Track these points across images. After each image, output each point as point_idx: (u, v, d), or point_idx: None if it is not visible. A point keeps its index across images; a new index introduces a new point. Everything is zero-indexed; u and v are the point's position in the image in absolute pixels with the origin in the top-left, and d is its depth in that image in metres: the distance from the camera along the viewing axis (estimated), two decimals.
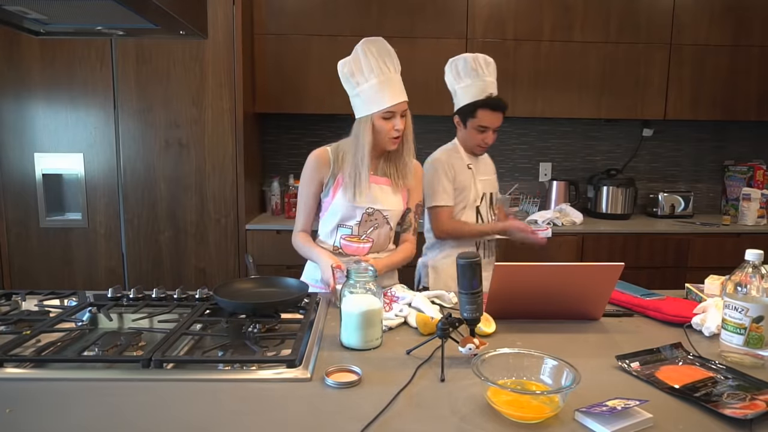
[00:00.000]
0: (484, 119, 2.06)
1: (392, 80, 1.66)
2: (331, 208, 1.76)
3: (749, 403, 0.95)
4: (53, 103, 2.71)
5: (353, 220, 1.74)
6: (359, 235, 1.76)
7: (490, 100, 2.05)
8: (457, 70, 2.10)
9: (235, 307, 1.36)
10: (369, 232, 1.76)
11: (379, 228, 1.77)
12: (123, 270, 2.83)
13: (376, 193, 1.74)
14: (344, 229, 1.76)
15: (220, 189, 2.81)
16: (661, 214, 3.34)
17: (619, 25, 3.11)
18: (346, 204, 1.71)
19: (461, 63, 2.09)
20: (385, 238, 1.81)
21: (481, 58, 2.08)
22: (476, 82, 2.07)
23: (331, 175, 1.75)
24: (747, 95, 3.21)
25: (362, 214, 1.74)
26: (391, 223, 1.80)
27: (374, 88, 1.65)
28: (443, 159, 2.10)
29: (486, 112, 2.05)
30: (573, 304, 1.41)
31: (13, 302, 1.51)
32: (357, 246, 1.77)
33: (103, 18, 1.24)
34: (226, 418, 0.91)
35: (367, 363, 1.14)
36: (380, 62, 1.65)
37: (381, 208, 1.75)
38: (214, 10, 2.69)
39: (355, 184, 1.70)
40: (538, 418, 0.90)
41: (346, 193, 1.71)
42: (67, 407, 0.93)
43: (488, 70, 2.09)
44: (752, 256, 1.15)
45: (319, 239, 1.85)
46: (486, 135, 2.09)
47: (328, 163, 1.75)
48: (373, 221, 1.76)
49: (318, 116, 3.36)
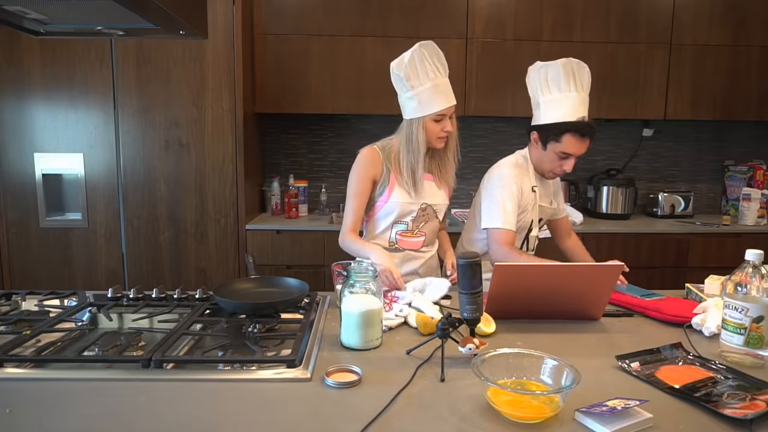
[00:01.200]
0: (570, 146, 1.78)
1: (444, 84, 1.74)
2: (386, 206, 1.82)
3: (749, 403, 0.95)
4: (53, 103, 2.71)
5: (410, 216, 1.83)
6: (413, 230, 1.85)
7: (581, 126, 1.76)
8: (546, 79, 1.82)
9: (235, 307, 1.36)
10: (421, 226, 1.87)
11: (430, 222, 1.88)
12: (123, 270, 2.84)
13: (427, 189, 1.84)
14: (400, 225, 1.85)
15: (220, 189, 2.81)
16: (661, 214, 3.34)
17: (619, 25, 3.11)
18: (403, 202, 1.80)
19: (552, 72, 1.81)
20: (434, 231, 1.92)
21: (575, 65, 1.80)
22: (567, 97, 1.78)
23: (384, 174, 1.81)
24: (747, 95, 3.21)
25: (417, 209, 1.83)
26: (440, 216, 1.91)
27: (429, 91, 1.72)
28: (513, 176, 1.86)
29: (574, 138, 1.77)
30: (573, 304, 1.41)
31: (13, 302, 1.51)
32: (412, 240, 1.86)
33: (103, 18, 1.24)
34: (226, 418, 0.91)
35: (367, 363, 1.14)
36: (434, 66, 1.71)
37: (432, 202, 1.86)
38: (214, 10, 2.69)
39: (414, 182, 1.79)
40: (538, 418, 0.90)
41: (403, 192, 1.80)
42: (67, 407, 0.93)
43: (582, 81, 1.80)
44: (752, 256, 1.15)
45: (369, 238, 1.90)
46: (567, 162, 1.82)
47: (380, 162, 1.81)
48: (425, 216, 1.86)
49: (318, 116, 3.36)
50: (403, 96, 1.77)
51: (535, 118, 1.88)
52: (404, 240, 1.85)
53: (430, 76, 1.71)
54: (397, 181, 1.80)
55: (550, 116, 1.80)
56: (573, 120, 1.76)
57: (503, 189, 1.84)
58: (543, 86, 1.83)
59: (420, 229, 1.86)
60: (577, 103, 1.78)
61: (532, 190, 1.91)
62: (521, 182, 1.88)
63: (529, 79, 1.91)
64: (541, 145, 1.86)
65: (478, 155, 3.50)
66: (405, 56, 1.71)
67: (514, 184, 1.85)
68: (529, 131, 1.91)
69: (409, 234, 1.85)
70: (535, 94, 1.88)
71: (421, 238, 1.87)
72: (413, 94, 1.72)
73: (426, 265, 1.90)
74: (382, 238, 1.86)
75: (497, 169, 1.92)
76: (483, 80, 3.10)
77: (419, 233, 1.86)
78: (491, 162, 2.03)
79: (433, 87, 1.71)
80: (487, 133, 3.50)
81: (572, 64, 1.81)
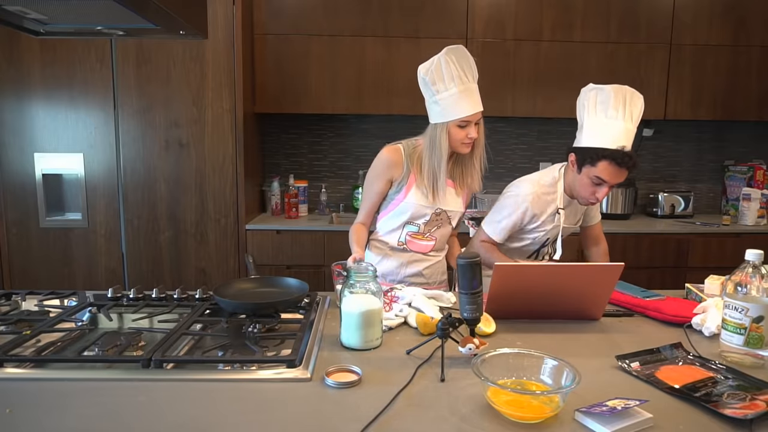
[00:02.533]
0: (605, 172, 1.73)
1: (470, 90, 1.70)
2: (401, 206, 1.81)
3: (749, 403, 0.95)
4: (53, 103, 2.71)
5: (422, 219, 1.81)
6: (424, 233, 1.83)
7: (619, 155, 1.69)
8: (595, 101, 1.77)
9: (235, 307, 1.36)
10: (433, 230, 1.84)
11: (442, 227, 1.85)
12: (123, 270, 2.84)
13: (445, 195, 1.81)
14: (411, 227, 1.83)
15: (220, 189, 2.81)
16: (661, 214, 3.34)
17: (619, 25, 3.11)
18: (418, 204, 1.78)
19: (602, 96, 1.75)
20: (445, 237, 1.90)
21: (628, 93, 1.74)
22: (611, 124, 1.72)
23: (404, 174, 1.79)
24: (747, 95, 3.21)
25: (432, 213, 1.80)
26: (453, 223, 1.88)
27: (453, 97, 1.69)
28: (528, 199, 1.84)
29: (610, 166, 1.71)
30: (573, 304, 1.41)
31: (13, 302, 1.51)
32: (422, 243, 1.84)
33: (103, 18, 1.24)
34: (226, 418, 0.91)
35: (367, 363, 1.14)
36: (461, 72, 1.69)
37: (447, 208, 1.83)
38: (214, 10, 2.69)
39: (433, 187, 1.77)
40: (538, 418, 0.90)
41: (420, 195, 1.78)
42: (67, 407, 0.93)
43: (632, 111, 1.73)
44: (752, 256, 1.15)
45: (378, 235, 1.89)
46: (600, 189, 1.77)
47: (401, 163, 1.80)
48: (438, 221, 1.83)
49: (318, 116, 3.37)
50: (428, 100, 1.75)
51: (577, 140, 1.83)
52: (414, 242, 1.84)
53: (456, 81, 1.68)
54: (416, 182, 1.79)
55: (590, 140, 1.75)
56: (612, 147, 1.70)
57: (510, 209, 1.87)
58: (590, 108, 1.77)
59: (431, 233, 1.84)
60: (621, 132, 1.71)
61: (556, 212, 1.87)
62: (537, 206, 1.86)
63: (578, 99, 1.85)
64: (576, 168, 1.81)
65: None
66: (433, 60, 1.69)
67: (524, 207, 1.85)
68: (568, 152, 1.87)
69: (419, 236, 1.83)
70: (581, 115, 1.82)
71: (431, 242, 1.85)
72: (438, 99, 1.70)
73: (432, 268, 1.89)
74: (392, 236, 1.85)
75: (519, 184, 1.91)
76: (483, 80, 3.04)
77: (430, 237, 1.84)
78: (491, 162, 2.03)
79: (457, 93, 1.68)
80: (488, 133, 3.48)
81: (625, 92, 1.74)
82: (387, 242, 1.86)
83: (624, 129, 1.71)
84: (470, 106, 1.70)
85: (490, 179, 3.52)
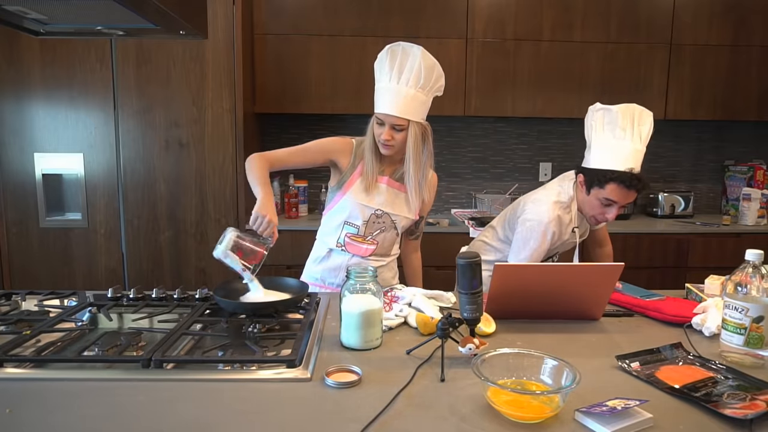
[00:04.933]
0: (614, 194, 1.72)
1: (398, 92, 1.60)
2: (340, 203, 1.74)
3: (749, 403, 0.95)
4: (53, 103, 2.71)
5: (360, 220, 1.73)
6: (365, 236, 1.75)
7: (627, 177, 1.68)
8: (602, 122, 1.74)
9: (235, 307, 1.36)
10: (375, 234, 1.75)
11: (386, 231, 1.76)
12: (123, 270, 2.84)
13: (389, 197, 1.73)
14: (350, 228, 1.74)
15: (220, 189, 2.81)
16: (661, 214, 3.34)
17: (619, 25, 3.11)
18: (356, 202, 1.71)
19: (609, 116, 1.72)
20: (390, 243, 1.80)
21: (636, 112, 1.72)
22: (620, 145, 1.70)
23: (349, 167, 1.73)
24: (747, 95, 3.21)
25: (371, 214, 1.73)
26: (399, 228, 1.78)
27: (381, 90, 1.64)
28: (553, 226, 1.78)
29: (619, 188, 1.70)
30: (573, 304, 1.41)
31: (13, 302, 1.51)
32: (361, 246, 1.76)
33: (103, 18, 1.24)
34: (226, 418, 0.91)
35: (367, 363, 1.14)
36: (397, 70, 1.60)
37: (391, 212, 1.74)
38: (214, 10, 2.69)
39: (367, 181, 1.69)
40: (538, 418, 0.90)
41: (358, 192, 1.71)
42: (67, 407, 0.93)
43: (640, 131, 1.71)
44: (752, 256, 1.15)
45: (320, 235, 1.84)
46: (610, 210, 1.76)
47: (350, 152, 1.73)
48: (380, 224, 1.74)
49: (318, 116, 3.37)
50: None
51: (585, 160, 1.81)
52: (352, 244, 1.75)
53: (387, 76, 1.61)
54: (358, 178, 1.72)
55: (598, 162, 1.73)
56: (621, 169, 1.69)
57: (538, 239, 1.79)
58: (598, 128, 1.75)
59: (373, 237, 1.74)
60: (629, 153, 1.69)
61: (572, 231, 1.84)
62: (560, 229, 1.81)
63: (586, 119, 1.82)
64: (585, 189, 1.79)
65: (478, 155, 3.50)
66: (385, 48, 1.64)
67: (551, 233, 1.79)
68: (577, 172, 1.84)
69: (359, 239, 1.74)
70: (589, 135, 1.79)
71: (372, 246, 1.75)
72: (376, 87, 1.66)
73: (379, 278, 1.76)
74: (332, 237, 1.77)
75: (538, 208, 1.81)
76: (483, 80, 3.10)
77: (371, 241, 1.75)
78: (491, 162, 2.02)
79: (387, 89, 1.61)
80: (487, 133, 3.50)
81: (633, 111, 1.72)
82: (327, 243, 1.79)
83: (632, 150, 1.69)
84: (388, 105, 1.60)
85: (490, 179, 3.52)
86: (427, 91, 1.63)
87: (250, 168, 1.62)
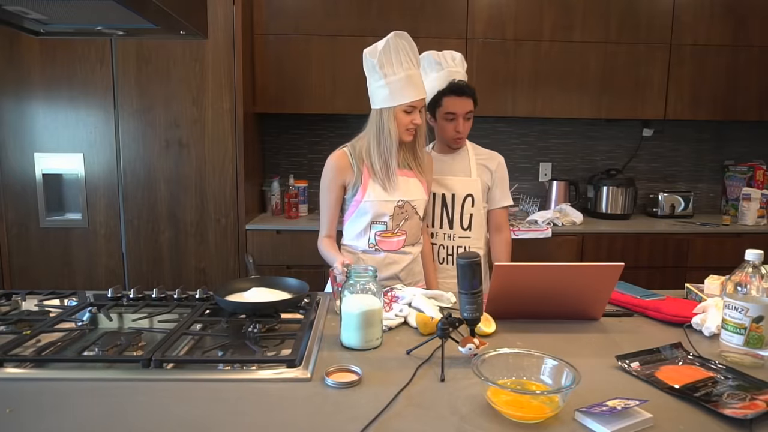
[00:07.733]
0: (450, 105, 1.96)
1: (416, 76, 1.71)
2: (360, 207, 1.76)
3: (749, 403, 0.95)
4: (53, 103, 2.71)
5: (386, 215, 1.76)
6: (393, 229, 1.78)
7: (454, 85, 1.97)
8: (423, 66, 2.03)
9: (235, 307, 1.36)
10: (401, 224, 1.79)
11: (410, 219, 1.80)
12: (123, 270, 2.83)
13: (403, 185, 1.78)
14: (378, 226, 1.78)
15: (220, 189, 2.81)
16: (661, 214, 3.34)
17: (619, 25, 3.11)
18: (378, 200, 1.74)
19: (425, 60, 2.04)
20: (416, 229, 1.84)
21: (447, 53, 2.06)
22: (440, 74, 2.02)
23: (356, 175, 1.76)
24: (747, 95, 3.20)
25: (394, 207, 1.76)
26: (420, 213, 1.83)
27: (401, 81, 1.67)
28: None
29: (451, 98, 1.96)
30: (573, 304, 1.41)
31: (13, 302, 1.51)
32: (392, 240, 1.79)
33: (103, 18, 1.24)
34: (226, 418, 0.91)
35: (367, 363, 1.14)
36: (408, 57, 1.68)
37: (410, 199, 1.79)
38: (214, 10, 2.69)
39: (388, 175, 1.74)
40: (538, 418, 0.90)
41: (377, 188, 1.74)
42: (67, 407, 0.93)
43: (454, 62, 2.04)
44: (752, 256, 1.15)
45: (346, 242, 1.85)
46: (456, 123, 1.98)
47: (349, 165, 1.76)
48: (404, 213, 1.79)
49: (318, 116, 3.36)
50: (374, 84, 1.72)
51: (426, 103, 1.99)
52: (384, 240, 1.78)
53: (404, 66, 1.67)
54: (370, 178, 1.74)
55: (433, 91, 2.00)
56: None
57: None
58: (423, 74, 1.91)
59: (400, 228, 1.78)
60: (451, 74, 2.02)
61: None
62: None
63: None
64: (434, 119, 2.04)
65: None
66: (379, 44, 1.66)
67: None
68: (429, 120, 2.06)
69: (389, 234, 1.78)
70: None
71: (401, 237, 1.79)
72: (385, 82, 1.68)
73: (407, 270, 1.82)
74: (361, 240, 1.79)
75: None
76: (483, 80, 3.10)
77: (400, 232, 1.79)
78: None
79: (406, 77, 1.67)
80: (487, 133, 3.50)
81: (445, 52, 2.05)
82: (357, 247, 1.81)
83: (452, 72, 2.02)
84: (416, 91, 1.70)
85: None
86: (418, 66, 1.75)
87: (324, 252, 1.79)
